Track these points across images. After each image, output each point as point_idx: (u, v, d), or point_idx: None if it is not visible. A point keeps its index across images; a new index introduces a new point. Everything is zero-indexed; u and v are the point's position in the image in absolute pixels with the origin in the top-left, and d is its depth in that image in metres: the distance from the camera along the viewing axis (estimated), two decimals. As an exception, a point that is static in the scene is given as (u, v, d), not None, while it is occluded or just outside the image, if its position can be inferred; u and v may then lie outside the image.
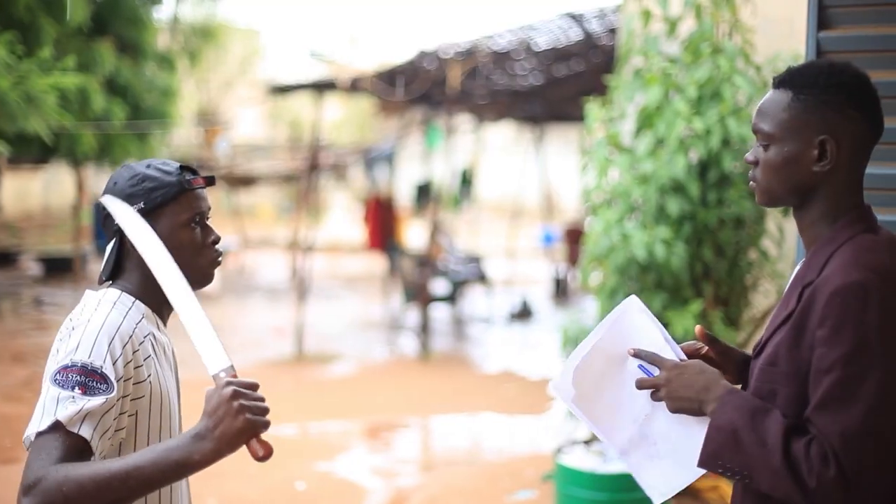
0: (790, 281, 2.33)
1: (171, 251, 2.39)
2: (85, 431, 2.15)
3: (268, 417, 2.13)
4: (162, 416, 2.43)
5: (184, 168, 2.52)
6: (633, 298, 2.43)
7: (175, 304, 2.31)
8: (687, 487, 6.62)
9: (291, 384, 10.61)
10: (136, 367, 2.32)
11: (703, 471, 2.27)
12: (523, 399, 10.16)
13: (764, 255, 6.44)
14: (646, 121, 6.32)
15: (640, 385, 2.32)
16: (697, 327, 2.47)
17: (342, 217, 28.23)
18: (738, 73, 6.09)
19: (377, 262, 18.81)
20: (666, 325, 6.23)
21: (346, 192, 29.55)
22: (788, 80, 2.28)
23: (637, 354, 2.33)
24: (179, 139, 19.79)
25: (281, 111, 31.91)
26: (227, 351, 2.22)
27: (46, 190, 24.10)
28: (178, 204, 2.47)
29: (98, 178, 20.76)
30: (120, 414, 2.27)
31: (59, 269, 18.04)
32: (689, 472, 2.33)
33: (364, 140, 26.75)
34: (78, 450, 2.14)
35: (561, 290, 17.12)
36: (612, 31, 11.38)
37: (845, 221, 2.24)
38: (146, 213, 2.43)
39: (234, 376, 2.16)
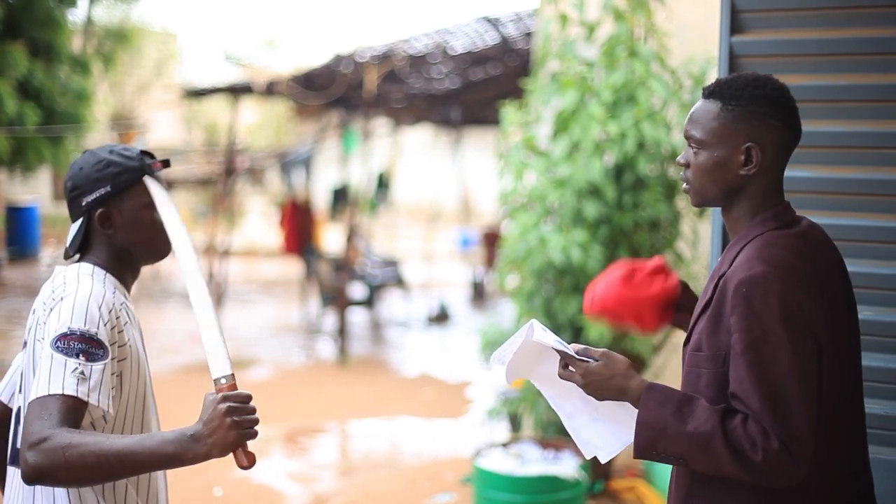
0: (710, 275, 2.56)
1: (134, 230, 2.69)
2: (93, 399, 2.39)
3: (256, 428, 2.46)
4: (139, 378, 2.66)
5: (143, 153, 2.74)
6: (534, 322, 2.58)
7: (196, 307, 2.55)
8: (605, 488, 6.64)
9: (208, 390, 10.47)
10: (118, 332, 2.55)
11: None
12: (441, 402, 10.16)
13: (679, 258, 6.51)
14: (562, 124, 6.36)
15: (561, 376, 2.51)
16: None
17: (258, 221, 27.96)
18: (654, 76, 6.15)
19: (294, 267, 18.67)
20: (581, 329, 6.32)
21: (263, 196, 29.32)
22: (717, 91, 2.50)
23: (562, 355, 2.49)
24: (94, 143, 19.47)
25: (197, 115, 31.60)
26: (230, 359, 2.52)
27: (-44, 195, 23.59)
28: (141, 186, 2.71)
29: (11, 183, 20.36)
30: (111, 374, 2.49)
31: (-30, 274, 17.67)
32: (626, 438, 2.54)
33: (280, 144, 26.54)
34: (75, 409, 2.36)
35: (478, 294, 17.16)
36: (529, 35, 11.43)
37: (760, 219, 2.49)
38: (112, 196, 2.67)
39: (234, 385, 2.50)
